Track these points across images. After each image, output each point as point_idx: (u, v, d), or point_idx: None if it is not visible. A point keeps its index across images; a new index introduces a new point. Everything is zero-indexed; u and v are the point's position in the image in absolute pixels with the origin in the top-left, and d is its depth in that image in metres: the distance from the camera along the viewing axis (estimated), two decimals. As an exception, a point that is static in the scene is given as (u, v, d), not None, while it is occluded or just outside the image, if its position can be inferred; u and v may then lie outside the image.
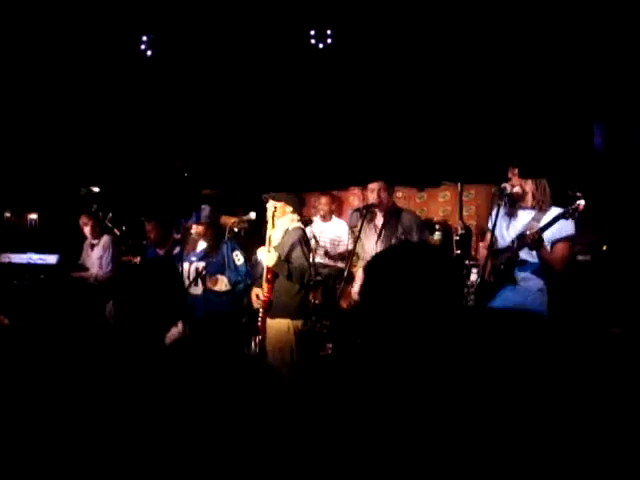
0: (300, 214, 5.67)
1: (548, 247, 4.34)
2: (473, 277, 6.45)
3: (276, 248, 5.39)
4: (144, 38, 3.07)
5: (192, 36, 3.22)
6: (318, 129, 3.71)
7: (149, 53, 3.05)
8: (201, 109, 3.59)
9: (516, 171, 4.33)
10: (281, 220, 5.48)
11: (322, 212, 7.69)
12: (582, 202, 4.05)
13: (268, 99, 3.65)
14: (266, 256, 5.32)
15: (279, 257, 5.30)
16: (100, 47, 3.42)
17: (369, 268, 1.92)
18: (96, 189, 7.51)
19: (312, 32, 2.84)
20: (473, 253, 6.75)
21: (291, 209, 5.50)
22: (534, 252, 4.34)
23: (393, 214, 5.63)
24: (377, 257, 1.97)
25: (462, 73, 3.51)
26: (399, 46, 3.53)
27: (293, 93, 3.62)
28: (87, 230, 7.63)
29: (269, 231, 5.41)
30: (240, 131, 3.74)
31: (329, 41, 2.86)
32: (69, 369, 2.30)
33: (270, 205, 5.47)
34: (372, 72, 3.57)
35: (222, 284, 5.91)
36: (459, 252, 6.57)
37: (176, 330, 6.15)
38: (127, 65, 3.46)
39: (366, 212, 5.52)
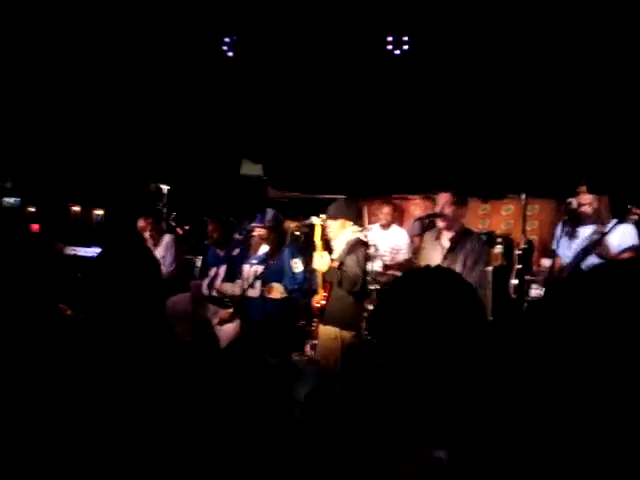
0: (359, 224, 5.67)
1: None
2: (533, 292, 6.37)
3: (337, 258, 5.39)
4: (226, 39, 3.13)
5: (272, 38, 3.27)
6: (385, 135, 3.72)
7: (230, 54, 3.10)
8: (273, 112, 3.64)
9: (584, 187, 4.28)
10: (342, 234, 5.48)
11: (384, 221, 7.67)
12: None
13: (336, 104, 3.68)
14: (319, 261, 5.33)
15: (331, 263, 5.31)
16: (179, 46, 3.50)
17: (389, 292, 1.84)
18: (165, 187, 7.63)
19: (389, 38, 2.85)
20: (534, 268, 6.66)
21: (350, 222, 5.51)
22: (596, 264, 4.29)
23: (461, 237, 5.15)
24: (398, 281, 1.86)
25: (534, 87, 3.48)
26: (470, 56, 3.52)
27: (362, 99, 3.64)
28: (146, 235, 7.76)
29: (322, 243, 5.42)
30: (307, 136, 3.77)
31: (405, 47, 2.86)
32: (128, 361, 2.36)
33: (330, 225, 5.47)
34: (444, 80, 3.56)
35: (277, 292, 5.95)
36: (520, 266, 6.48)
37: (232, 328, 6.27)
38: (204, 65, 3.53)
39: (429, 222, 5.47)
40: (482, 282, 4.99)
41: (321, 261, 5.32)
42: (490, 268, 5.07)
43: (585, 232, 4.46)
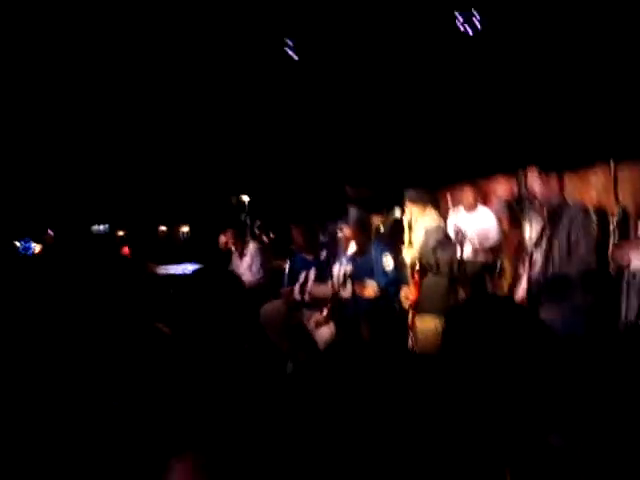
0: (438, 210, 5.60)
1: None
2: (635, 264, 6.09)
3: (420, 248, 5.33)
4: (290, 43, 3.10)
5: (335, 43, 3.21)
6: (460, 120, 3.62)
7: (296, 58, 3.08)
8: (344, 111, 3.60)
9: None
10: (420, 221, 5.42)
11: (468, 203, 7.51)
12: None
13: (406, 95, 3.60)
14: (408, 254, 5.28)
15: (421, 250, 5.25)
16: (248, 54, 3.49)
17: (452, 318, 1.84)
18: (246, 198, 7.71)
19: (460, 17, 2.75)
20: (632, 236, 6.38)
21: (430, 207, 5.44)
22: None
23: (558, 209, 4.86)
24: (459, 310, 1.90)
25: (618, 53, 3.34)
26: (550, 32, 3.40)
27: (433, 85, 3.55)
28: (232, 248, 7.85)
29: (406, 234, 5.37)
30: (380, 128, 3.71)
31: (478, 27, 2.75)
32: (224, 372, 2.37)
33: (408, 208, 5.43)
34: (513, 60, 3.45)
35: (371, 290, 5.88)
36: (617, 239, 6.22)
37: (328, 330, 6.26)
38: (278, 73, 3.52)
39: (517, 202, 5.34)
40: (590, 258, 4.78)
41: (409, 253, 5.27)
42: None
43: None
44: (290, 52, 3.69)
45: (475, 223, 7.45)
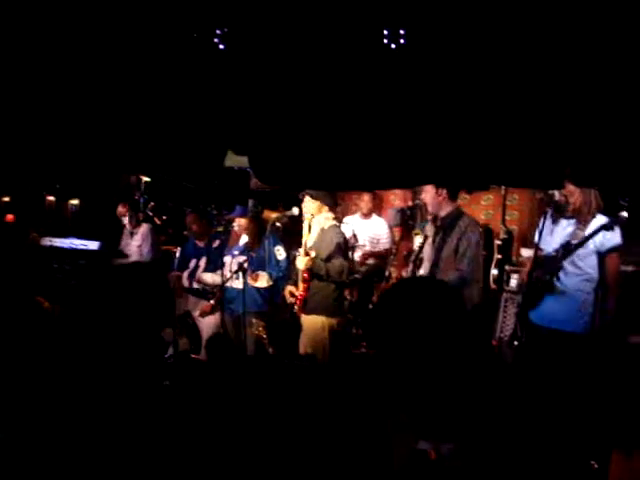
0: (335, 212, 5.66)
1: (594, 257, 4.35)
2: (513, 282, 6.42)
3: (313, 248, 5.38)
4: (218, 31, 3.09)
5: (264, 31, 3.22)
6: (368, 129, 3.69)
7: (222, 47, 3.06)
8: (260, 103, 3.60)
9: (569, 179, 4.29)
10: (317, 219, 5.47)
11: (364, 209, 7.68)
12: (625, 214, 4.05)
13: (315, 95, 3.65)
14: (300, 260, 5.33)
15: (314, 259, 5.30)
16: (162, 34, 3.45)
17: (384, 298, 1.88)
18: (145, 178, 7.59)
19: (385, 32, 2.82)
20: (514, 258, 6.70)
21: (327, 208, 5.50)
22: (576, 260, 4.36)
23: (452, 218, 5.00)
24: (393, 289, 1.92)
25: (518, 76, 3.48)
26: (455, 49, 3.50)
27: (347, 92, 3.61)
28: (125, 220, 7.73)
29: (305, 236, 5.41)
30: (294, 128, 3.73)
31: (402, 41, 2.84)
32: (100, 355, 2.33)
33: (306, 205, 5.47)
34: (428, 74, 3.54)
35: (264, 280, 5.94)
36: (500, 257, 6.52)
37: (213, 320, 6.24)
38: (190, 55, 3.48)
39: (410, 213, 5.49)
40: (474, 271, 4.95)
41: (301, 260, 5.31)
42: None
43: (567, 227, 4.48)
44: (217, 41, 3.65)
45: (368, 229, 7.62)
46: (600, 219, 4.32)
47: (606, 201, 4.39)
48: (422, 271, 4.98)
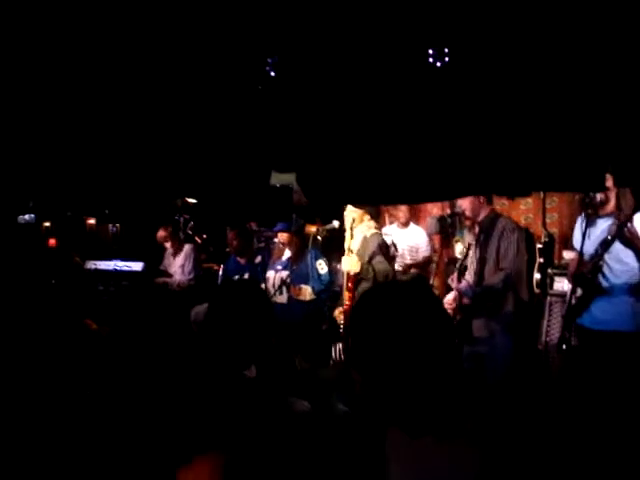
0: (377, 221, 5.70)
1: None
2: (557, 285, 6.38)
3: (357, 255, 5.41)
4: (269, 60, 3.14)
5: (311, 51, 3.28)
6: (407, 143, 3.73)
7: (273, 74, 3.11)
8: (299, 121, 3.65)
9: (611, 181, 4.27)
10: (359, 228, 5.51)
11: (402, 219, 7.70)
12: None
13: (359, 110, 3.69)
14: (348, 262, 5.34)
15: (361, 262, 5.33)
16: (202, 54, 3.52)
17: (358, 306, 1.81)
18: (192, 201, 7.69)
19: (430, 51, 2.86)
20: (556, 261, 6.66)
21: (369, 217, 5.54)
22: (621, 256, 4.31)
23: (490, 223, 5.05)
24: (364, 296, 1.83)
25: (554, 83, 3.49)
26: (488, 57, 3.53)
27: (383, 105, 3.65)
28: (167, 245, 7.84)
29: (347, 241, 5.45)
30: (338, 145, 3.78)
31: (446, 59, 2.87)
32: (150, 373, 2.38)
33: (348, 213, 5.51)
34: (465, 86, 3.57)
35: (306, 293, 5.99)
36: (542, 260, 6.49)
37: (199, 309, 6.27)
38: (231, 75, 3.54)
39: (451, 221, 5.50)
40: (520, 269, 4.96)
41: (349, 261, 5.33)
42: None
43: (603, 225, 4.45)
44: (268, 69, 3.72)
45: (407, 239, 7.64)
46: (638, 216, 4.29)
47: (638, 199, 4.35)
48: (468, 277, 4.99)
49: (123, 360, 2.51)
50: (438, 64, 3.14)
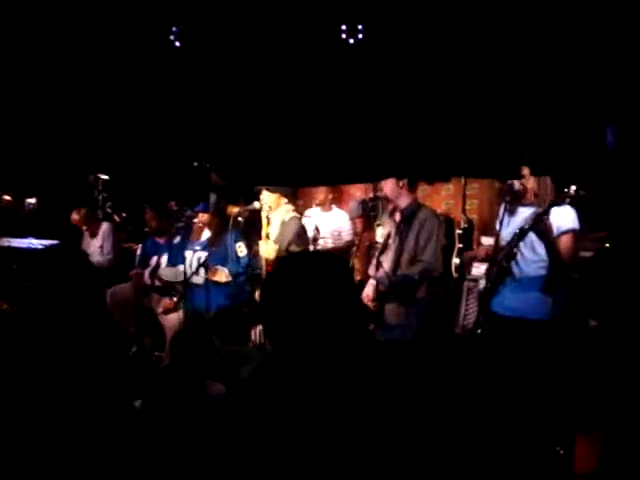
0: (294, 204, 5.68)
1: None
2: (474, 271, 6.49)
3: (275, 241, 5.38)
4: (174, 29, 3.02)
5: (217, 29, 3.18)
6: (326, 123, 3.69)
7: (177, 44, 3.00)
8: (215, 100, 3.57)
9: (527, 169, 4.33)
10: (277, 212, 5.48)
11: (324, 203, 7.66)
12: (573, 188, 4.07)
13: (276, 91, 3.63)
14: (265, 249, 5.32)
15: (279, 249, 5.31)
16: (120, 34, 3.39)
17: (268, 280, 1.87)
18: (104, 177, 7.47)
19: (343, 27, 2.80)
20: (475, 247, 6.77)
21: (285, 200, 5.51)
22: (535, 246, 4.38)
23: (411, 213, 5.14)
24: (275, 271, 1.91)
25: (474, 71, 3.52)
26: (405, 44, 3.53)
27: (301, 86, 3.60)
28: (83, 228, 7.59)
29: (265, 228, 5.41)
30: (249, 123, 3.72)
31: (360, 37, 2.82)
32: (63, 356, 2.30)
33: (264, 199, 5.47)
34: (385, 70, 3.56)
35: (222, 275, 5.92)
36: (461, 246, 6.58)
37: (176, 317, 6.19)
38: (147, 53, 3.43)
39: (373, 204, 5.51)
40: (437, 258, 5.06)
41: (267, 248, 5.30)
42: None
43: (525, 213, 4.52)
44: (172, 38, 3.61)
45: (329, 222, 7.61)
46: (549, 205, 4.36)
47: (559, 189, 4.42)
48: (386, 265, 5.02)
49: (30, 340, 2.41)
50: (351, 41, 3.11)
